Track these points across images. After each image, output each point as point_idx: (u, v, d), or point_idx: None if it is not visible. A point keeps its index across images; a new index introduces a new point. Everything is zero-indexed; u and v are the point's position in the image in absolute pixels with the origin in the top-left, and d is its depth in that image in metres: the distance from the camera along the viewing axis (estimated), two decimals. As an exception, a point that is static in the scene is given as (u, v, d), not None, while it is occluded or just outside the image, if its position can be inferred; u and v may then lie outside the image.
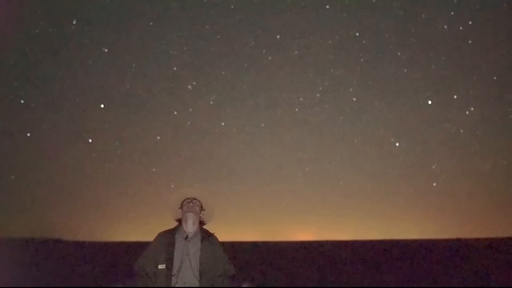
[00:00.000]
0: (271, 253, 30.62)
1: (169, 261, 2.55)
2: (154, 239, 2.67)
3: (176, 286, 2.53)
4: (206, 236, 2.71)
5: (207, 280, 2.59)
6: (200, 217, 2.76)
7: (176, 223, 2.80)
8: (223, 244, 2.79)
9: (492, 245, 44.08)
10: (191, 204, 2.71)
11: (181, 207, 2.75)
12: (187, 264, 2.57)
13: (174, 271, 2.53)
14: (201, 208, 2.77)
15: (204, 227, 2.81)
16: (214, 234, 2.78)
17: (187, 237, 2.65)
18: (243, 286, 2.86)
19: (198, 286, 2.56)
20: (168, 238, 2.63)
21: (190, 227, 2.67)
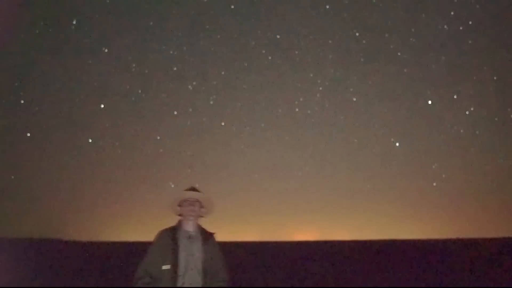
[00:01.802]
0: (271, 253, 30.61)
1: (174, 261, 2.52)
2: (157, 239, 2.63)
3: (184, 286, 2.51)
4: (208, 237, 2.71)
5: (209, 281, 2.59)
6: (199, 215, 2.77)
7: (174, 218, 2.79)
8: (223, 244, 2.80)
9: (492, 245, 44.05)
10: (191, 207, 2.70)
11: (181, 205, 2.74)
12: (192, 264, 2.56)
13: (181, 272, 2.51)
14: (201, 206, 2.77)
15: (206, 226, 2.81)
16: (214, 235, 2.77)
17: (190, 236, 2.64)
18: None
19: (203, 286, 2.56)
20: (171, 237, 2.60)
21: (191, 228, 2.68)
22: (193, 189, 2.78)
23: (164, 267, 2.50)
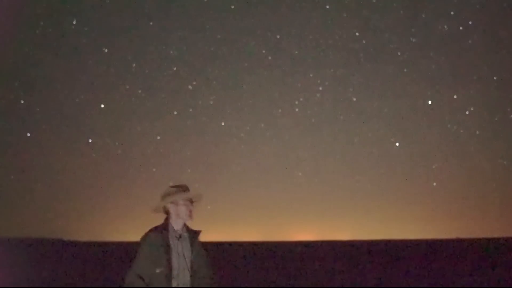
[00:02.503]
0: (271, 253, 30.61)
1: (167, 263, 2.45)
2: (147, 241, 2.49)
3: (178, 287, 2.46)
4: (195, 235, 2.67)
5: (197, 281, 2.55)
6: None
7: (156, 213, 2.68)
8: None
9: (492, 245, 44.02)
10: (190, 207, 2.61)
11: (176, 203, 2.61)
12: (184, 264, 2.51)
13: (175, 273, 2.46)
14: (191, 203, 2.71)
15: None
16: (200, 233, 2.70)
17: (180, 236, 2.59)
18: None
19: (193, 286, 2.52)
20: (162, 238, 2.51)
21: (180, 227, 2.61)
22: (187, 188, 2.71)
23: (158, 270, 2.42)
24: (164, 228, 2.56)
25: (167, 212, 2.62)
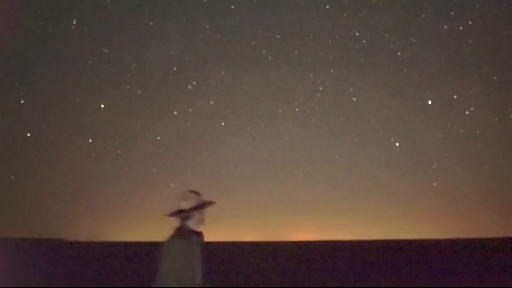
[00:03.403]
0: (271, 253, 30.62)
1: (193, 267, 2.57)
2: (185, 247, 2.53)
3: (204, 286, 2.60)
4: (201, 236, 2.72)
5: (203, 279, 2.65)
6: None
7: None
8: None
9: (492, 245, 44.03)
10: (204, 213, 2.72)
11: (202, 208, 2.68)
12: (200, 265, 2.63)
13: (199, 275, 2.58)
14: None
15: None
16: (202, 234, 2.78)
17: (197, 240, 2.67)
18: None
19: (204, 286, 2.63)
20: (188, 244, 2.57)
21: (193, 229, 2.67)
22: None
23: (188, 272, 2.52)
24: (187, 233, 2.60)
25: (187, 217, 2.64)
